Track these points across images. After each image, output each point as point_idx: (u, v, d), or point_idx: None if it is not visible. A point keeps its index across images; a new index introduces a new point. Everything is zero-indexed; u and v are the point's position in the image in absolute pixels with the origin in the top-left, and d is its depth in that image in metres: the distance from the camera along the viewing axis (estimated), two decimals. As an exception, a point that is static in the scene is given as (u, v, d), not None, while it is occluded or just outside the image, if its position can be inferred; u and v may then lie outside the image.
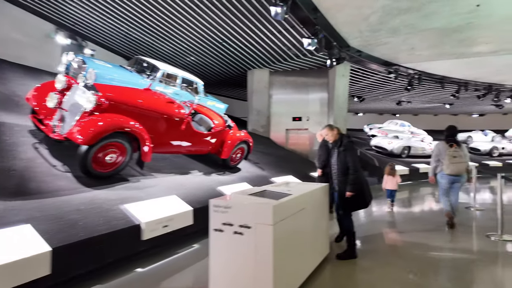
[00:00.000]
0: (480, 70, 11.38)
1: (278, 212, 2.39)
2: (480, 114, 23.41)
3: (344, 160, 3.62)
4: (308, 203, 3.11)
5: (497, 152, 15.04)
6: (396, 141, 13.58)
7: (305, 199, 3.04)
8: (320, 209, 3.48)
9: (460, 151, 4.77)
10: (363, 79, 12.88)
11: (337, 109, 10.42)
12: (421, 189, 10.02)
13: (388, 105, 19.58)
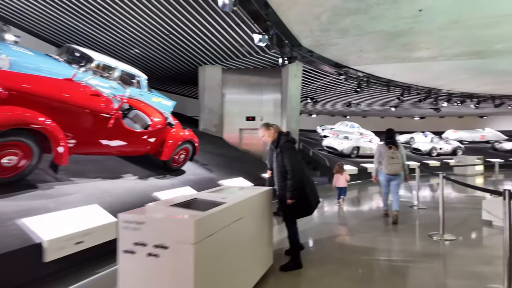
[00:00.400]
0: (421, 75, 12.09)
1: (202, 228, 1.95)
2: (421, 117, 25.29)
3: (282, 162, 3.27)
4: (247, 211, 2.72)
5: (435, 152, 16.23)
6: (346, 141, 13.94)
7: (243, 207, 2.64)
8: (262, 216, 3.11)
9: (397, 153, 5.13)
10: (316, 80, 13.00)
11: (290, 109, 10.30)
12: (369, 188, 10.28)
13: (339, 107, 20.22)
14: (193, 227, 1.87)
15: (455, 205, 6.97)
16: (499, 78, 12.59)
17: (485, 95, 15.76)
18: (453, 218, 5.38)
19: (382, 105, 19.17)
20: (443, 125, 24.57)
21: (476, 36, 7.95)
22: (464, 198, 8.57)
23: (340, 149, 13.50)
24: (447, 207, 5.00)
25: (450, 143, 16.98)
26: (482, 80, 12.91)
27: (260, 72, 10.99)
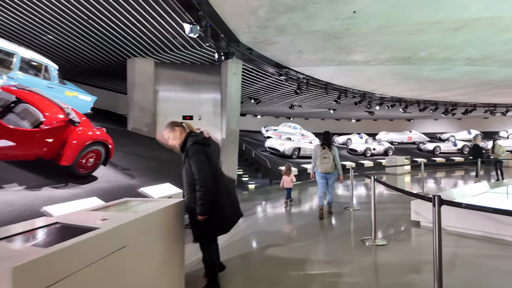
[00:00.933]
0: (356, 78, 12.54)
1: (32, 277, 1.27)
2: (357, 119, 26.84)
3: (190, 170, 2.70)
4: (139, 233, 2.07)
5: (369, 153, 17.18)
6: (288, 142, 13.92)
7: (131, 229, 1.99)
8: (167, 235, 2.48)
9: (329, 153, 5.49)
10: (258, 80, 12.69)
11: (230, 109, 9.77)
12: (309, 188, 10.23)
13: (283, 109, 20.36)
14: (9, 278, 1.17)
15: (387, 205, 7.11)
16: (422, 84, 13.68)
17: (412, 99, 17.13)
18: (384, 220, 5.35)
19: (322, 108, 19.76)
20: (377, 127, 26.44)
21: (403, 42, 8.31)
22: (395, 197, 8.90)
23: (281, 150, 13.40)
24: (379, 208, 4.92)
25: (383, 144, 18.16)
26: (408, 85, 13.90)
27: (198, 69, 10.27)
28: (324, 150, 5.49)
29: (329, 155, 5.45)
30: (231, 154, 9.96)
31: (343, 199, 7.81)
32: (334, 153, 5.56)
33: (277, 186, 10.16)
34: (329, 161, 5.43)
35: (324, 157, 5.43)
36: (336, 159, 5.55)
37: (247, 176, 11.29)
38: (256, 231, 5.13)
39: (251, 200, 8.31)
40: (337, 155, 5.65)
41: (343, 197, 8.12)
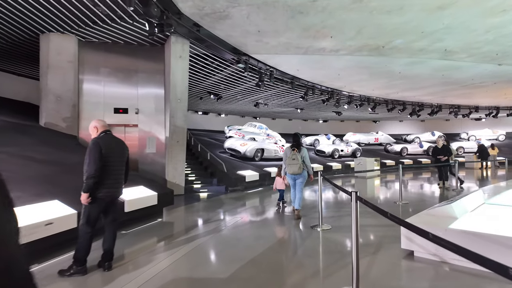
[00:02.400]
0: (324, 71, 11.19)
1: None
2: (324, 120, 25.92)
3: None
4: None
5: (337, 154, 16.01)
6: (250, 143, 12.25)
7: None
8: None
9: (297, 155, 5.42)
10: (215, 71, 10.91)
11: (174, 101, 7.88)
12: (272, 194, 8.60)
13: (248, 107, 18.72)
14: None
15: (364, 220, 5.65)
16: (392, 81, 12.69)
17: (380, 99, 16.25)
18: (366, 249, 3.80)
19: (289, 107, 18.39)
20: (343, 129, 25.70)
21: (378, 24, 6.98)
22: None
23: (242, 151, 11.70)
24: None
25: (350, 145, 17.12)
26: (377, 82, 12.86)
27: (134, 51, 8.26)
28: (292, 152, 5.48)
29: (297, 156, 5.41)
30: (176, 156, 8.07)
31: (310, 211, 6.24)
32: (303, 155, 5.51)
33: (235, 195, 8.43)
34: (297, 163, 5.39)
35: (292, 158, 5.42)
36: (305, 160, 5.52)
37: (200, 182, 9.44)
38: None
39: (190, 215, 6.49)
40: (307, 156, 5.60)
41: (310, 207, 6.56)
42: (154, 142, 8.22)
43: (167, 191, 6.14)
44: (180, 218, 5.99)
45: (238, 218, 5.63)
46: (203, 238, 4.41)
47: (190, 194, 8.51)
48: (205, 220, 5.66)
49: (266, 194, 9.01)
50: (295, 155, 5.40)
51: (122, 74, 8.19)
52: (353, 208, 2.63)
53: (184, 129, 8.18)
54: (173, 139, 7.99)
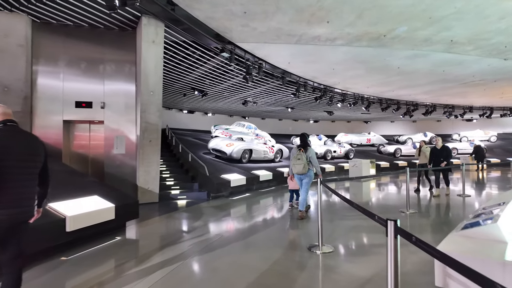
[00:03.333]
0: (317, 65, 10.20)
1: None
2: (315, 120, 25.05)
3: None
4: None
5: (330, 155, 15.07)
6: (236, 143, 11.16)
7: None
8: None
9: (303, 155, 5.35)
10: (199, 64, 9.78)
11: (146, 93, 6.72)
12: (261, 200, 7.53)
13: (236, 106, 17.62)
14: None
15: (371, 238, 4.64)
16: (389, 78, 11.83)
17: (374, 98, 15.42)
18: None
19: (279, 105, 17.38)
20: (334, 129, 24.87)
21: (383, 6, 6.02)
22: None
23: (228, 152, 10.59)
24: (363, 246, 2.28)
25: (343, 146, 16.22)
26: (373, 78, 11.98)
27: (101, 36, 7.07)
28: (298, 152, 5.45)
29: (302, 156, 5.36)
30: (149, 158, 6.91)
31: (310, 222, 5.20)
32: (310, 155, 5.45)
33: (218, 203, 7.32)
34: (302, 163, 5.32)
35: (297, 158, 5.37)
36: (312, 160, 5.46)
37: (179, 187, 8.27)
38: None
39: (166, 229, 5.35)
40: (314, 156, 5.53)
41: (312, 214, 5.51)
42: (123, 141, 7.04)
43: (130, 201, 4.98)
44: (145, 236, 4.84)
45: (217, 237, 4.53)
46: (168, 268, 3.29)
47: (166, 201, 7.34)
48: (176, 238, 4.52)
49: (254, 200, 7.93)
50: (300, 155, 5.35)
51: (85, 62, 6.97)
52: (389, 247, 1.59)
53: (158, 127, 7.03)
54: (145, 138, 6.82)
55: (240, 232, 4.89)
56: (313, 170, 5.49)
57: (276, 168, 10.97)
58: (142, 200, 7.00)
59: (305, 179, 5.44)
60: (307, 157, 5.33)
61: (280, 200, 7.99)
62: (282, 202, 7.68)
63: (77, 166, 7.04)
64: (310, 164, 5.42)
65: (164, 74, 10.59)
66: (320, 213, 3.75)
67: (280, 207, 7.06)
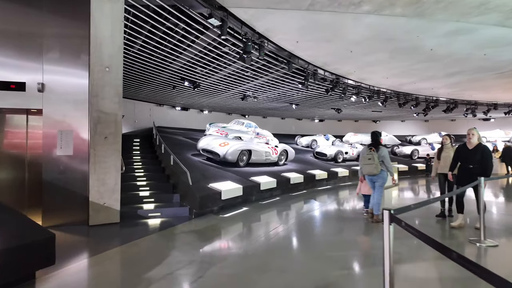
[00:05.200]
0: (331, 46, 8.11)
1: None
2: (320, 119, 22.99)
3: None
4: None
5: (341, 157, 12.96)
6: (232, 142, 9.06)
7: None
8: None
9: (374, 154, 4.98)
10: (186, 44, 7.72)
11: (99, 69, 4.65)
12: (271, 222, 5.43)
13: (234, 102, 15.56)
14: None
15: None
16: (414, 65, 9.76)
17: (390, 91, 13.32)
18: None
19: (282, 101, 15.30)
20: (341, 129, 22.81)
21: None
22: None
23: (222, 154, 8.49)
24: None
25: (355, 147, 14.09)
26: (396, 66, 9.90)
27: (38, -9, 4.98)
28: (369, 151, 5.07)
29: (373, 156, 4.98)
30: (105, 161, 4.83)
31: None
32: (382, 154, 5.06)
33: (202, 224, 5.22)
34: (373, 163, 4.96)
35: (368, 158, 5.03)
36: (385, 160, 5.07)
37: (153, 200, 6.17)
38: None
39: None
40: (387, 156, 5.11)
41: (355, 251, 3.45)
42: (70, 138, 4.95)
43: (39, 237, 2.88)
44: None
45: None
46: None
47: (130, 221, 5.24)
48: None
49: (253, 218, 5.82)
50: (371, 154, 5.02)
51: (15, 29, 4.88)
52: None
53: (117, 117, 4.94)
54: (98, 134, 4.75)
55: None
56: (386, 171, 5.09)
57: (281, 173, 8.86)
58: (95, 220, 4.92)
59: (378, 181, 5.08)
60: (379, 157, 4.98)
61: (287, 216, 5.91)
62: (296, 219, 5.58)
63: (8, 173, 4.98)
64: (383, 165, 5.05)
65: (143, 59, 8.47)
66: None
67: (288, 229, 4.95)
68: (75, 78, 5.00)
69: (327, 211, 6.57)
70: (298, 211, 6.56)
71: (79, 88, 4.99)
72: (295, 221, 5.49)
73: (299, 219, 5.69)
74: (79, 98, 5.00)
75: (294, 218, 5.82)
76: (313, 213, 6.29)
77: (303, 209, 6.77)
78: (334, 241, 4.40)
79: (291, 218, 5.80)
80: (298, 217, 5.83)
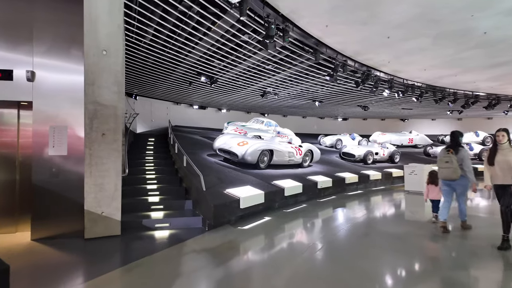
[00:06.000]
0: (364, 31, 6.98)
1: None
2: (343, 118, 21.64)
3: None
4: None
5: (371, 158, 11.69)
6: (252, 141, 8.11)
7: None
8: None
9: (452, 157, 4.39)
10: (201, 32, 6.87)
11: (95, 52, 3.85)
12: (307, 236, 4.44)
13: (253, 99, 14.63)
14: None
15: None
16: (461, 53, 8.41)
17: (425, 86, 11.90)
18: None
19: (305, 98, 14.21)
20: (366, 128, 21.35)
21: None
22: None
23: (240, 154, 7.57)
24: None
25: (386, 147, 12.74)
26: (437, 54, 8.60)
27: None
28: (447, 153, 4.44)
29: (451, 159, 4.35)
30: (102, 163, 4.02)
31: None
32: (462, 157, 4.39)
33: (217, 239, 4.28)
34: (451, 166, 4.34)
35: (445, 161, 4.40)
36: (464, 164, 4.38)
37: (162, 207, 5.33)
38: None
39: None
40: (467, 159, 4.41)
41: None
42: (64, 135, 4.19)
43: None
44: None
45: None
46: None
47: (132, 234, 4.40)
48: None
49: (278, 231, 4.83)
50: (449, 157, 4.37)
51: (0, 13, 4.17)
52: None
53: (117, 110, 4.11)
54: (94, 130, 3.95)
55: None
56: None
57: (307, 176, 7.82)
58: (92, 233, 4.12)
59: (459, 189, 4.47)
60: (458, 160, 4.39)
61: (322, 228, 4.88)
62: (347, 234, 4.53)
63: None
64: (462, 170, 4.41)
65: (156, 51, 7.39)
66: None
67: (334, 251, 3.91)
68: (72, 64, 4.22)
69: (373, 220, 5.47)
70: (335, 222, 5.50)
71: (74, 77, 4.21)
72: (335, 237, 4.43)
73: (340, 232, 4.64)
74: (75, 89, 4.22)
75: (333, 231, 4.77)
76: (355, 224, 5.20)
77: (339, 219, 5.70)
78: (405, 264, 3.33)
79: (328, 232, 4.75)
80: (338, 230, 4.78)
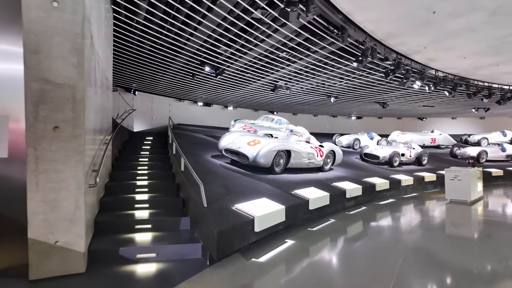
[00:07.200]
0: (403, 5, 5.53)
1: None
2: (357, 116, 20.13)
3: None
4: None
5: (397, 160, 10.19)
6: (265, 140, 6.70)
7: None
8: None
9: None
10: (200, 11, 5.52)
11: (38, 7, 2.51)
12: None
13: (262, 96, 13.25)
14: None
15: None
16: (509, 37, 6.91)
17: (460, 77, 10.37)
18: None
19: (319, 93, 12.77)
20: (382, 127, 19.83)
21: None
22: None
23: (252, 156, 6.16)
24: None
25: (413, 147, 11.22)
26: (486, 37, 7.11)
27: None
28: None
29: None
30: (56, 170, 2.69)
31: None
32: None
33: (226, 283, 2.88)
34: None
35: None
36: None
37: (150, 227, 3.99)
38: None
39: None
40: None
41: None
42: (4, 129, 2.86)
43: None
44: None
45: None
46: None
47: (104, 271, 3.05)
48: None
49: (312, 268, 3.44)
50: None
51: None
52: None
53: (77, 93, 2.77)
54: (41, 121, 2.62)
55: None
56: None
57: (332, 183, 6.39)
58: (40, 271, 2.77)
59: None
60: None
61: (373, 259, 3.48)
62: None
63: None
64: None
65: (152, 33, 5.47)
66: None
67: None
68: (12, 37, 2.88)
69: (444, 246, 4.04)
70: (387, 247, 4.08)
71: (14, 47, 2.87)
72: (404, 275, 3.03)
73: (406, 265, 3.23)
74: (20, 61, 2.88)
75: (391, 263, 3.36)
76: (419, 250, 3.77)
77: (390, 242, 4.26)
78: None
79: (380, 265, 3.34)
80: (397, 261, 3.37)
